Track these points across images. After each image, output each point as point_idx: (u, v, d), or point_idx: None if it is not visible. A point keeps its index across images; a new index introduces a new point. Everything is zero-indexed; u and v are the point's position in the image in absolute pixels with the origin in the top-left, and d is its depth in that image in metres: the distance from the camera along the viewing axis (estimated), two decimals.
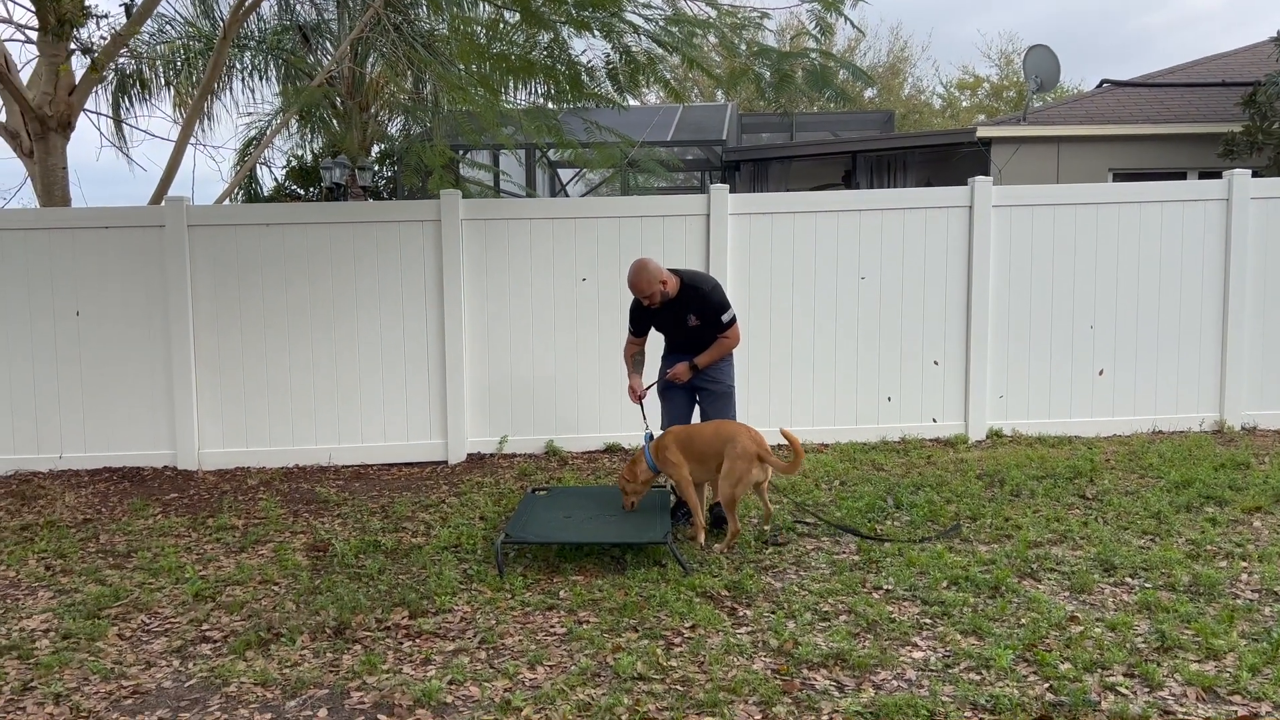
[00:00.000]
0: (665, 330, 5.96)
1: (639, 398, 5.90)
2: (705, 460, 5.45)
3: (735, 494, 5.28)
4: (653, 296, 5.64)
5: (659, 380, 6.01)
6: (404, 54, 9.57)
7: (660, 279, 5.62)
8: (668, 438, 5.61)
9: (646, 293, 5.64)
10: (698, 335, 5.76)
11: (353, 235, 7.75)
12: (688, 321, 5.73)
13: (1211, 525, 5.53)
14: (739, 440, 5.32)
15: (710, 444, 5.44)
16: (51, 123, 8.85)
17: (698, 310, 5.70)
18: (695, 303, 5.70)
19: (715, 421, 5.71)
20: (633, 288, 5.68)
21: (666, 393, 5.98)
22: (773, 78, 9.15)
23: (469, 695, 3.75)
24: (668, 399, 5.99)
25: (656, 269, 5.64)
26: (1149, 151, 13.03)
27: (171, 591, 5.02)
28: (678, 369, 5.80)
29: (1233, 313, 7.97)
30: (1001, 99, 33.04)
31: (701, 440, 5.51)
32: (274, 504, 6.69)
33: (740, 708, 3.57)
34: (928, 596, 4.57)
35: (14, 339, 7.61)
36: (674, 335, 5.93)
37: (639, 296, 5.71)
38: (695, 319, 5.71)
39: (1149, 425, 8.02)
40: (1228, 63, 15.33)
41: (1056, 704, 3.51)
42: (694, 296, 5.71)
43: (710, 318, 5.70)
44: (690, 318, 5.72)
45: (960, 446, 7.73)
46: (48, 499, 6.93)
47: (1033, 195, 8.09)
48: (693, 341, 5.79)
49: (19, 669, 4.14)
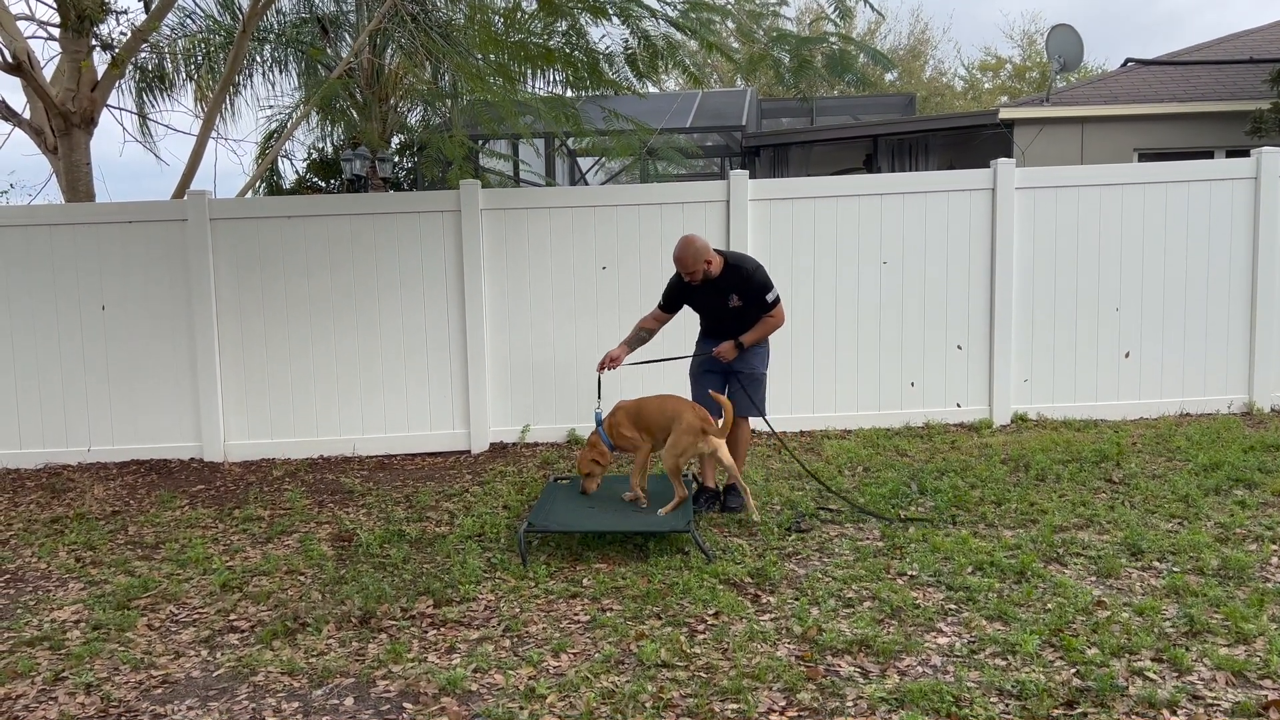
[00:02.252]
0: (704, 310, 5.92)
1: (604, 367, 5.87)
2: (653, 433, 5.63)
3: (679, 464, 5.43)
4: (695, 274, 5.61)
5: (694, 361, 6.00)
6: (422, 44, 9.57)
7: (706, 257, 5.59)
8: (619, 414, 5.72)
9: (691, 269, 5.60)
10: (739, 317, 5.72)
11: (374, 226, 7.78)
12: (729, 302, 5.69)
13: (1240, 508, 5.46)
14: (684, 416, 5.47)
15: (656, 418, 5.60)
16: (75, 118, 8.92)
17: (740, 290, 5.66)
18: (738, 283, 5.66)
19: (661, 396, 5.76)
20: (678, 262, 5.64)
21: (700, 377, 5.95)
22: (792, 63, 9.11)
23: (493, 683, 3.77)
24: (699, 383, 5.95)
25: (704, 246, 5.61)
26: (1175, 131, 12.84)
27: (199, 582, 5.07)
28: (723, 347, 5.72)
29: (1262, 293, 7.86)
30: (1024, 80, 32.67)
31: (649, 414, 5.64)
32: (299, 495, 6.74)
33: (764, 695, 3.57)
34: (952, 582, 4.54)
35: (42, 334, 7.70)
36: (713, 316, 5.88)
37: (682, 271, 5.66)
38: (738, 299, 5.67)
39: (1176, 408, 7.94)
40: (1255, 39, 15.08)
41: (1083, 689, 3.48)
42: (737, 277, 5.67)
43: (754, 298, 5.67)
44: (733, 298, 5.67)
45: (985, 431, 7.67)
46: (77, 491, 7.02)
47: (1056, 177, 8.01)
48: (734, 323, 5.75)
49: (51, 659, 4.19)
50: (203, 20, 13.38)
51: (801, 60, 9.12)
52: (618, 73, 9.22)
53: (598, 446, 5.73)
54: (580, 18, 8.45)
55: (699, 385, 5.96)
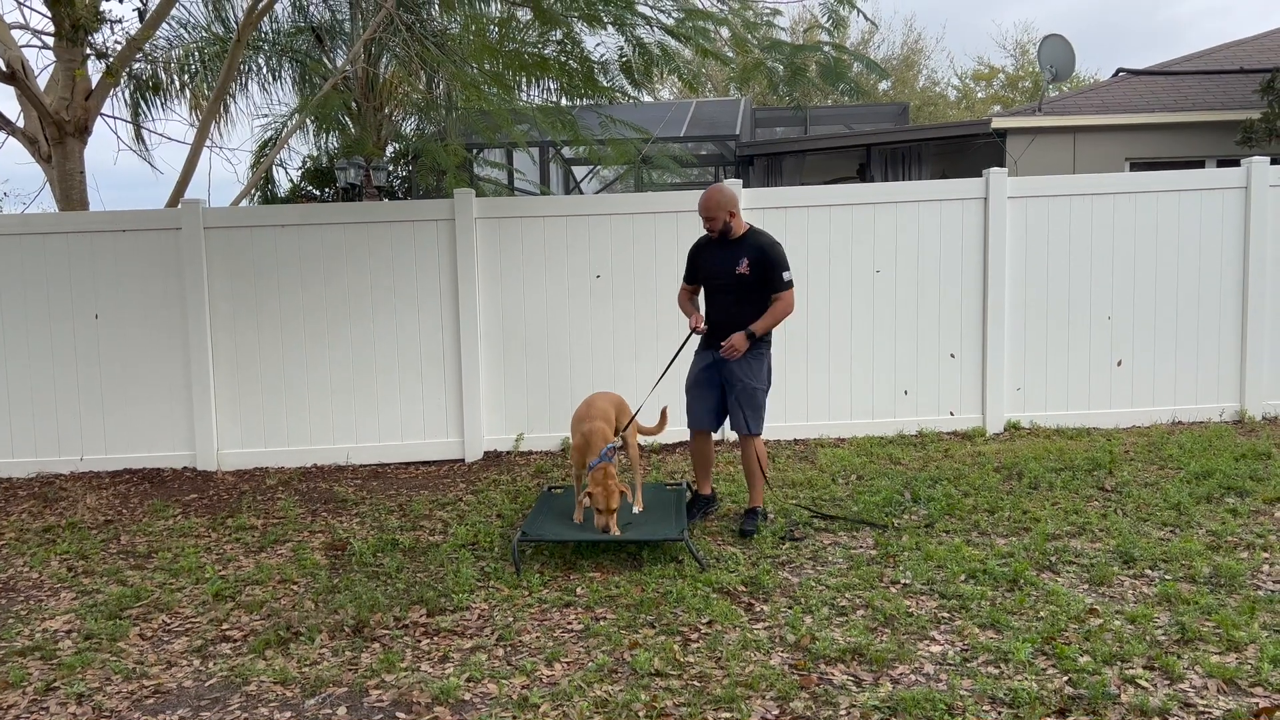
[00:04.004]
0: (710, 274, 5.63)
1: (696, 329, 5.62)
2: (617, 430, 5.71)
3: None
4: (715, 221, 5.47)
5: (689, 374, 5.78)
6: (417, 53, 9.60)
7: (730, 209, 5.47)
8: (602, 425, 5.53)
9: (712, 214, 5.46)
10: (741, 289, 5.49)
11: (368, 235, 7.79)
12: (738, 266, 5.45)
13: (1232, 516, 5.48)
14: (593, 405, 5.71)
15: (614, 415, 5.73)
16: (69, 127, 8.92)
17: (754, 257, 5.45)
18: (754, 249, 5.48)
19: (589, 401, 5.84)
20: (702, 208, 5.50)
21: (694, 390, 5.75)
22: (786, 72, 9.13)
23: (487, 692, 3.77)
24: (695, 396, 5.74)
25: (732, 198, 5.50)
26: (1166, 140, 12.92)
27: (192, 591, 5.06)
28: (733, 339, 5.41)
29: (1253, 302, 7.90)
30: (1017, 89, 32.84)
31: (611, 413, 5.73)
32: (292, 504, 6.73)
33: (757, 703, 3.57)
34: (945, 590, 4.55)
35: (34, 342, 7.68)
36: (717, 282, 5.60)
37: (704, 217, 5.51)
38: (746, 265, 5.44)
39: (1168, 416, 7.96)
40: (1246, 49, 15.18)
41: (1076, 697, 3.49)
42: (755, 243, 5.51)
43: (765, 271, 5.44)
44: (743, 262, 5.45)
45: (978, 439, 7.69)
46: (69, 501, 7.00)
47: (1048, 186, 8.04)
48: (734, 297, 5.51)
49: (42, 669, 4.18)
50: (196, 30, 13.41)
51: (795, 69, 9.14)
52: (612, 80, 9.24)
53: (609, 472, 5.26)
54: (575, 26, 8.48)
55: (695, 399, 5.76)
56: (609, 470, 5.20)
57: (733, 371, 5.55)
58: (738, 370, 5.54)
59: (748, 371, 5.55)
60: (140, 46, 9.25)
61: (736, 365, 5.53)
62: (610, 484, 5.15)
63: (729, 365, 5.54)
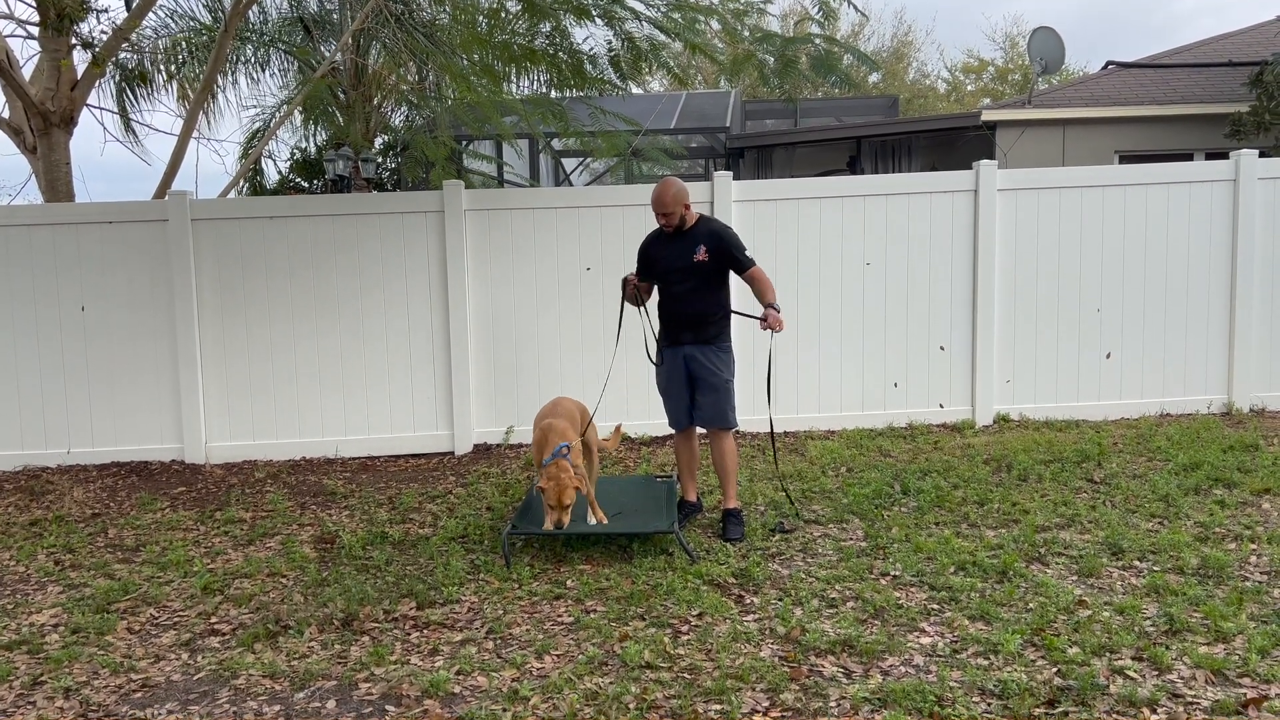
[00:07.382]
0: (666, 267, 5.53)
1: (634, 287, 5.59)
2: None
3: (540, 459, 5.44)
4: (673, 216, 5.39)
5: (657, 375, 5.71)
6: (406, 45, 9.55)
7: (685, 201, 5.40)
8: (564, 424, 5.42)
9: (670, 209, 5.37)
10: (701, 277, 5.42)
11: (357, 227, 7.75)
12: (695, 254, 5.39)
13: (1220, 508, 5.51)
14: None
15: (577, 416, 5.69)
16: (54, 118, 8.84)
17: (711, 244, 5.39)
18: (709, 237, 5.42)
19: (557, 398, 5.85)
20: (655, 203, 5.41)
21: (668, 390, 5.68)
22: (776, 64, 9.13)
23: (477, 685, 3.76)
24: (670, 396, 5.68)
25: (685, 190, 5.43)
26: (1155, 133, 12.93)
27: (180, 585, 5.04)
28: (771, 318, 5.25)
29: (1240, 294, 7.93)
30: (1007, 82, 32.86)
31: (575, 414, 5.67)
32: (281, 497, 6.70)
33: (748, 695, 3.57)
34: (935, 582, 4.56)
35: (20, 335, 7.63)
36: (673, 273, 5.50)
37: (659, 212, 5.42)
38: (705, 253, 5.38)
39: (1157, 408, 7.99)
40: (1234, 42, 15.20)
41: (1065, 688, 3.50)
42: (708, 230, 5.46)
43: (724, 255, 5.40)
44: (699, 249, 5.38)
45: (967, 432, 7.71)
46: (56, 494, 6.96)
47: (1038, 178, 8.04)
48: (691, 285, 5.44)
49: (29, 663, 4.15)
50: (184, 20, 13.30)
51: (786, 61, 9.14)
52: (601, 73, 9.22)
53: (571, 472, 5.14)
54: (564, 19, 8.45)
55: (669, 399, 5.68)
56: (562, 465, 5.08)
57: (702, 365, 5.49)
58: (708, 363, 5.49)
59: (718, 363, 5.51)
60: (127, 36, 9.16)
61: (706, 359, 5.48)
62: (564, 478, 5.04)
63: (698, 360, 5.49)
